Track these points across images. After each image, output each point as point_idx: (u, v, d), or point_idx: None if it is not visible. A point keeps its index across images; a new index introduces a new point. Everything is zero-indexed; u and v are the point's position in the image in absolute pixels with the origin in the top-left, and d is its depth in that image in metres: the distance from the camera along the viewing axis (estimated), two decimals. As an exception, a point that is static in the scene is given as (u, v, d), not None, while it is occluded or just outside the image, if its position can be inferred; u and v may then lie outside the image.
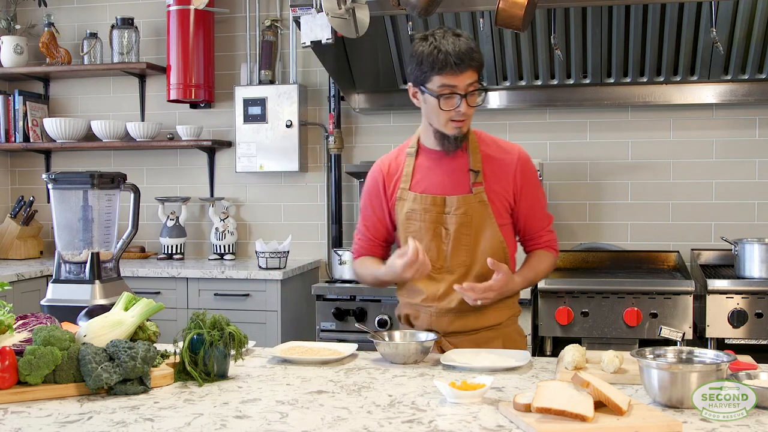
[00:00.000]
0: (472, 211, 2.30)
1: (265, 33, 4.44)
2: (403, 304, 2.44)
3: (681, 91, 4.00)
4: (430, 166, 2.35)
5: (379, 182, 2.42)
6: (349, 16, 3.23)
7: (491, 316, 2.35)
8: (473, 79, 2.21)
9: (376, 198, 2.43)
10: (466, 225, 2.30)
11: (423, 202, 2.32)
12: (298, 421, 1.58)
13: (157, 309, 2.01)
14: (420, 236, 2.31)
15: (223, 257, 4.46)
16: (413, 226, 2.34)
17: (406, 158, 2.39)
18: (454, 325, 2.33)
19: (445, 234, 2.32)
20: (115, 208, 2.79)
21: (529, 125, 4.25)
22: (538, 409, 1.49)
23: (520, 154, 2.37)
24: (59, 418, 1.61)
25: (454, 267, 2.32)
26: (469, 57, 2.18)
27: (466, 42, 2.20)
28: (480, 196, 2.30)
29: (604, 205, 4.19)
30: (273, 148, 4.41)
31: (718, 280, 3.40)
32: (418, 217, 2.33)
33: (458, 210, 2.30)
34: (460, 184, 2.32)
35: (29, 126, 4.68)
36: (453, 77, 2.19)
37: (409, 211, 2.34)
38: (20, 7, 4.80)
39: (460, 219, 2.29)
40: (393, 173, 2.40)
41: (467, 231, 2.30)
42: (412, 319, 2.41)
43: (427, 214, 2.32)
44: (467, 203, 2.30)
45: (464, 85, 2.20)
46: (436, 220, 2.32)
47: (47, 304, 2.61)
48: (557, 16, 3.66)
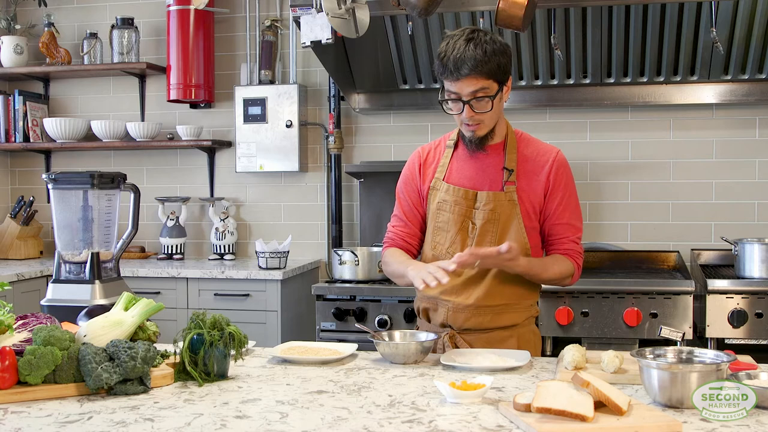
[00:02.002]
0: (501, 209, 2.30)
1: (265, 33, 4.44)
2: (421, 297, 2.43)
3: (681, 91, 4.00)
4: (467, 159, 2.36)
5: (416, 169, 2.43)
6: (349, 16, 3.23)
7: (508, 316, 2.34)
8: (478, 86, 2.18)
9: (413, 183, 2.43)
10: (493, 221, 2.30)
11: (455, 194, 2.33)
12: (298, 421, 1.58)
13: (157, 309, 2.01)
14: (447, 227, 2.33)
15: (223, 257, 4.46)
16: (442, 216, 2.35)
17: (445, 149, 2.40)
18: (470, 322, 2.32)
19: (471, 228, 2.32)
20: (115, 208, 2.79)
21: (529, 125, 4.24)
22: (538, 409, 1.49)
23: (557, 156, 2.36)
24: (59, 418, 1.61)
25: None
26: (468, 65, 2.15)
27: (473, 49, 2.16)
28: (510, 195, 2.30)
29: (604, 205, 4.19)
30: (273, 148, 4.41)
31: (718, 280, 3.40)
32: (448, 208, 2.34)
33: (487, 206, 2.30)
34: (494, 181, 2.32)
35: (29, 126, 4.68)
36: (453, 83, 2.20)
37: (440, 201, 2.35)
38: (20, 7, 4.80)
39: (488, 215, 2.30)
40: (430, 162, 2.41)
41: (493, 228, 2.30)
42: (431, 313, 2.40)
43: (457, 206, 2.32)
44: (497, 200, 2.30)
45: (466, 92, 2.19)
46: (464, 214, 2.32)
47: (47, 304, 2.61)
48: (557, 16, 3.66)
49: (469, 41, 2.17)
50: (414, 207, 2.43)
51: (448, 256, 2.30)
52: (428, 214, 2.40)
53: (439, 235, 2.36)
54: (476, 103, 2.21)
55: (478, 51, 2.16)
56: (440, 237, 2.36)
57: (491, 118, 2.26)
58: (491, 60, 2.17)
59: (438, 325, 2.37)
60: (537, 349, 2.43)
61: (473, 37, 2.18)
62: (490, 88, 2.20)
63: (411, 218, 2.44)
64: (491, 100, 2.21)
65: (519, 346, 2.32)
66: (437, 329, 2.36)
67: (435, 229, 2.37)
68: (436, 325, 2.37)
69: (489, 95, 2.20)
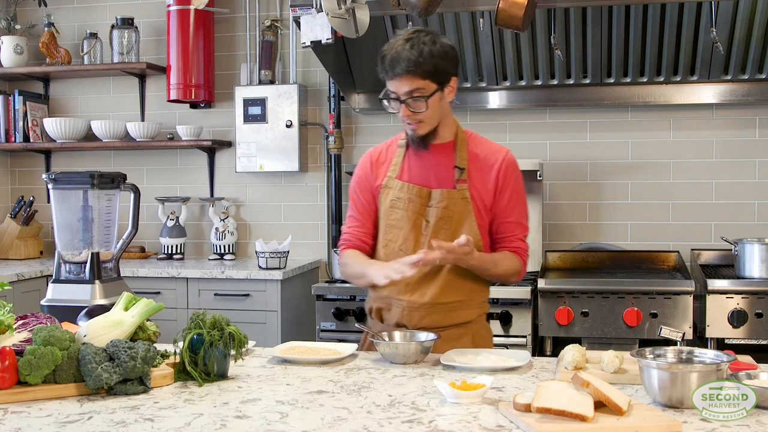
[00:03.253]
0: (454, 206, 2.32)
1: (265, 33, 4.44)
2: (374, 297, 2.43)
3: (681, 91, 4.00)
4: (418, 158, 2.38)
5: (367, 169, 2.45)
6: (349, 16, 3.23)
7: (462, 313, 2.37)
8: (413, 86, 2.21)
9: (366, 182, 2.44)
10: (446, 219, 2.32)
11: (409, 191, 2.34)
12: (298, 421, 1.58)
13: (157, 309, 2.01)
14: (401, 225, 2.34)
15: (223, 257, 4.46)
16: (396, 214, 2.35)
17: (397, 149, 2.42)
18: (425, 321, 2.33)
19: (425, 226, 2.34)
20: (115, 208, 2.79)
21: (529, 125, 4.25)
22: (538, 409, 1.49)
23: (507, 156, 2.39)
24: (59, 418, 1.61)
25: None
26: (402, 65, 2.18)
27: (409, 49, 2.18)
28: (463, 193, 2.32)
29: (604, 205, 4.19)
30: (273, 148, 4.41)
31: (718, 280, 3.40)
32: (401, 206, 2.35)
33: (441, 203, 2.32)
34: (446, 179, 2.34)
35: (29, 126, 4.68)
36: (390, 82, 2.24)
37: (393, 199, 2.36)
38: (20, 7, 4.80)
39: (442, 212, 2.32)
40: (382, 162, 2.43)
41: (446, 225, 2.32)
42: (384, 312, 2.40)
43: (411, 204, 2.34)
44: (450, 198, 2.32)
45: (402, 91, 2.23)
46: (418, 211, 2.34)
47: (47, 304, 2.61)
48: (557, 16, 3.66)
49: (407, 41, 2.20)
50: (368, 206, 2.44)
51: (400, 254, 2.31)
52: (380, 213, 2.41)
53: (392, 232, 2.36)
54: (412, 103, 2.23)
55: (414, 52, 2.18)
56: (392, 234, 2.36)
57: (430, 118, 2.28)
58: (427, 61, 2.20)
59: (392, 325, 2.36)
60: (490, 345, 2.46)
61: (412, 38, 2.21)
62: (426, 88, 2.22)
63: (366, 217, 2.44)
64: (426, 100, 2.23)
65: (474, 342, 2.35)
66: (390, 329, 2.34)
67: (387, 226, 2.37)
68: (390, 325, 2.37)
69: (424, 95, 2.22)
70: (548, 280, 3.51)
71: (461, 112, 4.27)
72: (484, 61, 3.99)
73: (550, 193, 4.21)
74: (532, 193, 4.00)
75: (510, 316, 3.48)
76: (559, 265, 4.05)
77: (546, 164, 4.12)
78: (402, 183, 2.36)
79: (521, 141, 4.24)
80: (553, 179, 4.19)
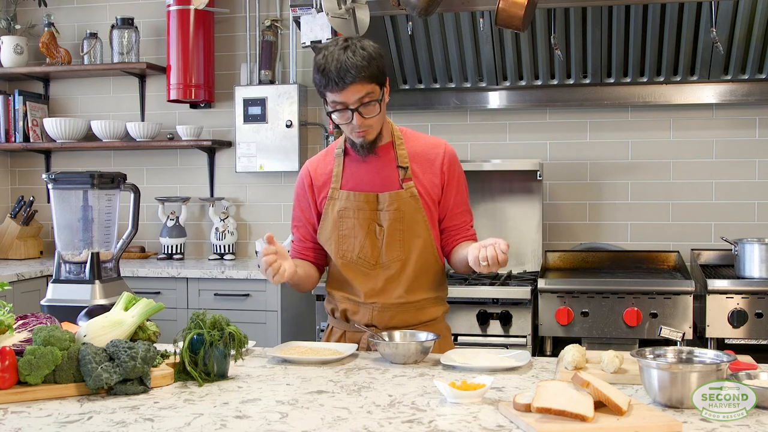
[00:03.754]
0: (405, 207, 2.32)
1: (265, 33, 4.44)
2: (340, 298, 2.42)
3: (681, 91, 4.00)
4: (359, 165, 2.37)
5: (305, 183, 2.43)
6: (349, 16, 3.23)
7: (429, 311, 2.39)
8: (363, 92, 2.18)
9: (304, 199, 2.44)
10: (399, 220, 2.32)
11: (356, 199, 2.34)
12: (298, 421, 1.58)
13: (157, 309, 2.01)
14: (354, 234, 2.34)
15: (223, 257, 4.46)
16: (346, 223, 2.35)
17: (334, 159, 2.41)
18: (395, 320, 2.34)
19: (379, 230, 2.34)
20: (115, 208, 2.79)
21: (529, 125, 4.25)
22: (538, 409, 1.49)
23: (446, 148, 2.40)
24: (59, 418, 1.61)
25: (389, 262, 2.34)
26: (351, 74, 2.15)
27: (351, 56, 2.16)
28: (411, 191, 2.33)
29: (604, 205, 4.19)
30: (273, 148, 4.41)
31: (718, 280, 3.40)
32: (351, 214, 2.35)
33: (391, 206, 2.32)
34: (390, 181, 2.34)
35: (29, 126, 4.68)
36: (339, 94, 2.19)
37: (341, 209, 2.35)
38: (20, 7, 4.80)
39: (393, 215, 2.32)
40: (321, 173, 2.41)
41: (400, 226, 2.33)
42: (350, 314, 2.40)
43: (361, 211, 2.34)
44: (399, 199, 2.32)
45: (353, 99, 2.19)
46: (369, 217, 2.34)
47: (47, 304, 2.61)
48: (557, 16, 3.66)
49: (346, 49, 2.17)
50: (307, 221, 2.44)
51: (359, 261, 2.34)
52: (326, 225, 2.39)
53: (346, 242, 2.36)
54: (364, 109, 2.21)
55: (357, 57, 2.16)
56: (347, 245, 2.36)
57: (378, 121, 2.28)
58: (371, 64, 2.18)
59: (362, 325, 2.36)
60: (450, 343, 2.48)
61: (348, 45, 2.19)
62: (375, 91, 2.21)
63: (303, 233, 2.46)
64: (378, 103, 2.23)
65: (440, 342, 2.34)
66: (360, 329, 2.36)
67: (340, 237, 2.36)
68: (360, 325, 2.37)
69: (375, 99, 2.22)
70: (548, 280, 3.51)
71: (461, 112, 4.28)
72: (484, 61, 3.99)
73: (550, 193, 4.21)
74: (532, 193, 4.01)
75: (510, 316, 3.48)
76: (559, 265, 4.05)
77: (546, 164, 4.12)
78: (347, 192, 2.35)
79: (521, 141, 4.24)
80: (553, 179, 4.19)
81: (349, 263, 2.36)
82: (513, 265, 4.04)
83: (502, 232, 4.03)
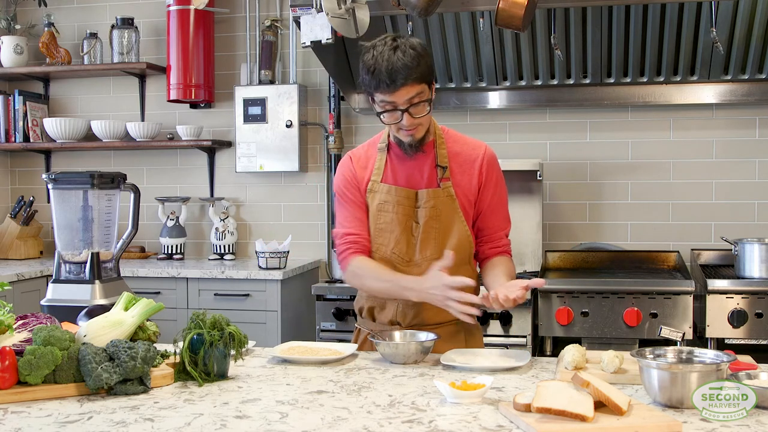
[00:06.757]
0: (441, 205, 2.32)
1: (265, 33, 4.44)
2: (366, 296, 2.41)
3: (681, 91, 4.00)
4: (401, 161, 2.37)
5: (353, 172, 2.40)
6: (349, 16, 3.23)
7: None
8: (413, 92, 2.18)
9: (354, 183, 2.39)
10: (435, 218, 2.32)
11: (397, 194, 2.34)
12: (298, 421, 1.58)
13: (157, 309, 2.01)
14: (391, 228, 2.33)
15: (223, 257, 4.46)
16: (385, 217, 2.34)
17: (377, 153, 2.40)
18: (419, 318, 2.33)
19: (415, 227, 2.33)
20: (115, 208, 2.79)
21: (529, 125, 4.25)
22: (538, 409, 1.49)
23: (487, 150, 2.39)
24: (59, 418, 1.61)
25: (422, 260, 2.32)
26: (402, 74, 2.14)
27: (402, 57, 2.14)
28: (448, 191, 2.32)
29: (604, 205, 4.19)
30: (273, 148, 4.41)
31: (718, 280, 3.40)
32: (390, 209, 2.34)
33: (428, 203, 2.31)
34: (430, 179, 2.34)
35: (29, 126, 4.68)
36: (389, 95, 2.18)
37: (381, 202, 2.34)
38: (20, 7, 4.80)
39: (430, 212, 2.31)
40: (363, 166, 2.40)
41: (436, 225, 2.32)
42: (377, 312, 2.39)
43: (400, 206, 2.33)
44: (436, 197, 2.32)
45: (403, 100, 2.19)
46: (408, 213, 2.33)
47: (47, 304, 2.61)
48: (557, 16, 3.66)
49: (396, 50, 2.16)
50: (362, 204, 2.39)
51: (393, 257, 2.32)
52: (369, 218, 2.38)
53: (382, 236, 2.35)
54: (414, 109, 2.21)
55: (407, 58, 2.15)
56: (383, 238, 2.34)
57: (428, 120, 2.28)
58: (420, 64, 2.17)
59: (386, 323, 2.36)
60: (481, 343, 2.45)
61: (398, 45, 2.17)
62: (424, 91, 2.21)
63: (364, 216, 2.38)
64: (428, 103, 2.22)
65: (466, 341, 2.35)
66: (383, 327, 2.35)
67: (377, 230, 2.35)
68: (383, 323, 2.36)
69: (425, 99, 2.21)
70: (548, 280, 3.51)
71: (461, 112, 4.28)
72: (484, 61, 3.99)
73: (550, 193, 4.21)
74: (532, 193, 4.01)
75: (510, 316, 3.48)
76: (559, 265, 4.05)
77: (546, 164, 4.12)
78: (388, 186, 2.34)
79: (521, 141, 4.24)
80: (553, 179, 4.19)
81: (383, 258, 2.34)
82: (513, 265, 4.04)
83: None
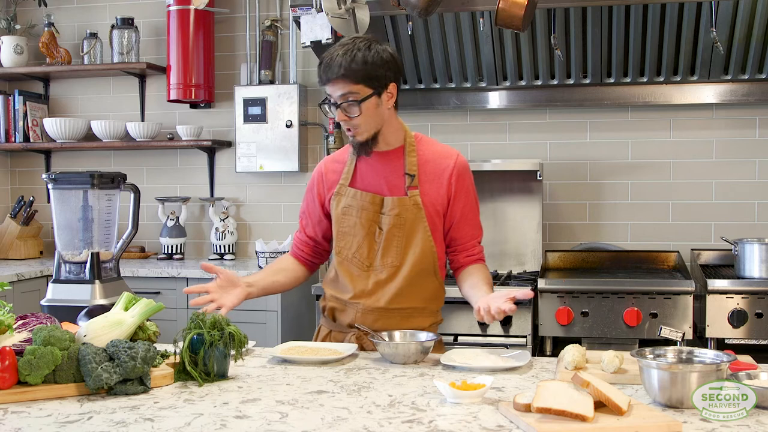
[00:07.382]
0: (406, 214, 2.32)
1: (265, 33, 4.44)
2: (329, 297, 2.45)
3: (681, 91, 4.00)
4: (369, 166, 2.38)
5: (317, 175, 2.47)
6: (349, 16, 3.23)
7: (415, 320, 2.36)
8: (345, 90, 2.23)
9: (311, 191, 2.48)
10: (398, 226, 2.32)
11: (362, 199, 2.35)
12: (298, 421, 1.58)
13: (157, 309, 2.01)
14: (354, 232, 2.35)
15: (223, 257, 4.46)
16: (348, 221, 2.36)
17: (348, 156, 2.43)
18: (378, 324, 2.33)
19: (378, 233, 2.34)
20: (115, 208, 2.79)
21: (529, 125, 4.25)
22: (538, 409, 1.49)
23: (458, 160, 2.38)
24: (59, 418, 1.61)
25: (383, 267, 2.34)
26: (334, 70, 2.21)
27: (345, 55, 2.21)
28: (414, 199, 2.32)
29: (604, 205, 4.19)
30: (273, 148, 4.41)
31: (718, 280, 3.40)
32: (354, 213, 2.36)
33: (393, 211, 2.32)
34: (397, 186, 2.35)
35: (29, 126, 4.68)
36: (326, 87, 2.27)
37: (346, 206, 2.37)
38: (20, 7, 4.80)
39: (393, 220, 2.32)
40: (333, 170, 2.44)
41: (399, 233, 2.33)
42: (337, 313, 2.42)
43: (364, 211, 2.35)
44: (402, 205, 2.32)
45: (336, 95, 2.25)
46: (371, 219, 2.34)
47: (47, 304, 2.61)
48: (557, 16, 3.66)
49: (343, 47, 2.24)
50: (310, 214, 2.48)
51: (354, 261, 2.36)
52: (333, 221, 2.42)
53: (344, 240, 2.37)
54: (346, 107, 2.25)
55: (347, 57, 2.21)
56: (345, 242, 2.37)
57: (366, 123, 2.28)
58: (359, 66, 2.21)
59: (345, 326, 2.39)
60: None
61: (347, 44, 2.24)
62: (360, 93, 2.23)
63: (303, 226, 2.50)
64: (359, 104, 2.24)
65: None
66: (343, 329, 2.38)
67: (340, 233, 2.38)
68: (343, 325, 2.39)
69: (357, 100, 2.23)
70: (548, 280, 3.51)
71: (461, 112, 4.28)
72: (484, 61, 3.99)
73: (550, 193, 4.21)
74: (532, 193, 4.02)
75: (510, 316, 3.48)
76: (559, 265, 4.05)
77: (546, 164, 4.12)
78: (354, 190, 2.37)
79: (521, 141, 4.24)
80: (553, 179, 4.19)
81: (344, 260, 2.38)
82: (513, 265, 4.04)
83: (502, 232, 4.04)
